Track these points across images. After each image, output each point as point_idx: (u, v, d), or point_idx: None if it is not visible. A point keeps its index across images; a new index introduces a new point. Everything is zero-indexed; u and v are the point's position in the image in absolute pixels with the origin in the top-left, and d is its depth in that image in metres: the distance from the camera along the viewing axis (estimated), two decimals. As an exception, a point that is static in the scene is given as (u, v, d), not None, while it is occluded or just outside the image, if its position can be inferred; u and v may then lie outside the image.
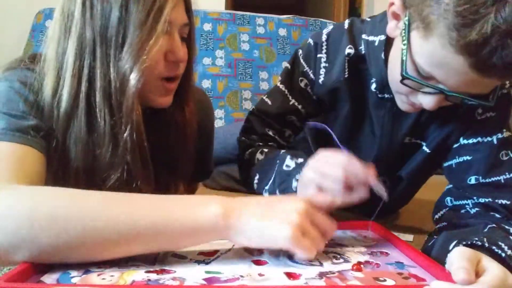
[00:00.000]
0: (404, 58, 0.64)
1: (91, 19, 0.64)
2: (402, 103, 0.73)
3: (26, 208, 0.49)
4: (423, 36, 0.60)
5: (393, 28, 0.70)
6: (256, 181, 0.84)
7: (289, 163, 0.76)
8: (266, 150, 0.86)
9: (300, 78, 0.88)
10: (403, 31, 0.64)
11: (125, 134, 0.65)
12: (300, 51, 0.88)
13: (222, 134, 1.44)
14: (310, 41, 0.87)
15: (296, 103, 0.89)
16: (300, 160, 0.75)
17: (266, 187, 0.80)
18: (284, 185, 0.75)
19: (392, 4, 0.68)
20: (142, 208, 0.52)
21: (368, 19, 0.84)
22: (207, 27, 2.13)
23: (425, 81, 0.64)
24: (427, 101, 0.66)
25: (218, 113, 2.00)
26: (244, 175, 0.92)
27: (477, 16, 0.53)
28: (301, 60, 0.88)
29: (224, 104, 2.02)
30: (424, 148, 0.85)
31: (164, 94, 0.72)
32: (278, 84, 0.92)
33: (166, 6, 0.65)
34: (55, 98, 0.65)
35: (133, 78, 0.64)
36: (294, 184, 0.73)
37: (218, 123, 1.98)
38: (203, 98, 0.94)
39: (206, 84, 2.03)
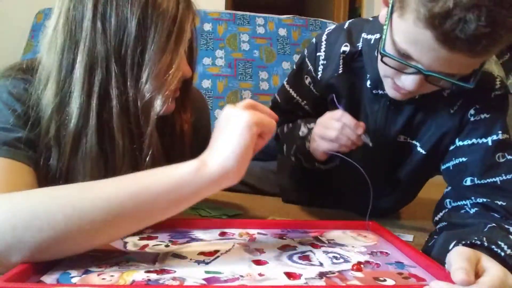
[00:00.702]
0: (384, 36, 0.68)
1: (103, 33, 0.61)
2: (389, 88, 0.76)
3: (5, 212, 0.48)
4: (400, 15, 0.64)
5: (384, 15, 0.72)
6: (285, 149, 1.00)
7: (303, 129, 0.91)
8: (290, 124, 1.00)
9: (305, 76, 0.94)
10: (387, 13, 0.68)
11: (147, 157, 0.64)
12: (306, 52, 0.95)
13: None
14: (313, 40, 0.94)
15: (300, 100, 0.98)
16: (312, 125, 0.88)
17: (291, 152, 0.96)
18: (301, 149, 0.91)
19: None
20: (122, 181, 0.52)
21: (371, 19, 0.88)
22: (207, 27, 2.13)
23: (403, 59, 0.67)
24: (408, 81, 0.69)
25: (218, 113, 2.00)
26: (277, 147, 1.07)
27: None
28: (306, 60, 0.94)
29: (224, 104, 2.02)
30: (419, 149, 0.86)
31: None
32: (284, 83, 1.02)
33: (186, 25, 0.64)
34: (60, 113, 0.62)
35: (158, 105, 0.63)
36: (307, 144, 0.88)
37: (218, 123, 1.98)
38: (198, 96, 0.93)
39: (206, 84, 2.03)
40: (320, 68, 0.91)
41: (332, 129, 0.79)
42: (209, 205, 1.06)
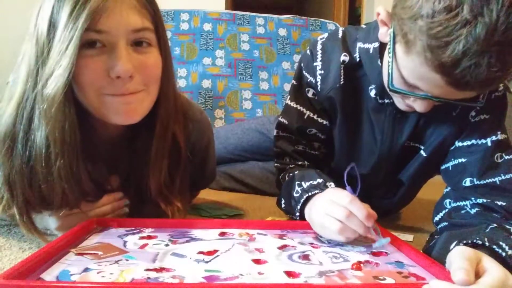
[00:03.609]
0: (390, 71, 0.67)
1: (36, 39, 0.63)
2: (399, 104, 0.75)
3: None
4: (405, 51, 0.63)
5: (384, 34, 0.72)
6: (283, 205, 0.87)
7: (297, 189, 0.78)
8: (290, 173, 0.86)
9: (307, 89, 0.89)
10: (389, 42, 0.67)
11: (57, 163, 0.63)
12: (302, 64, 0.90)
13: (224, 133, 1.44)
14: (308, 50, 0.89)
15: (311, 114, 0.90)
16: (305, 185, 0.76)
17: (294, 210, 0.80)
18: (292, 210, 0.79)
19: (378, 14, 0.71)
20: None
21: (363, 26, 0.86)
22: (207, 27, 2.13)
23: (411, 91, 0.67)
24: (418, 105, 0.69)
25: (218, 113, 2.00)
26: (278, 198, 0.91)
27: (450, 38, 0.55)
28: (304, 72, 0.89)
29: (224, 104, 2.02)
30: (422, 152, 0.85)
31: (119, 109, 0.66)
32: (288, 102, 0.93)
33: (83, 14, 0.59)
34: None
35: (51, 86, 0.61)
36: (298, 208, 0.76)
37: (218, 123, 1.98)
38: (200, 118, 0.90)
39: (206, 84, 2.03)
40: (319, 78, 0.86)
41: (335, 219, 0.63)
42: (209, 205, 1.06)
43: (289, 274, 0.51)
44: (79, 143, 0.65)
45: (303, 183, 0.77)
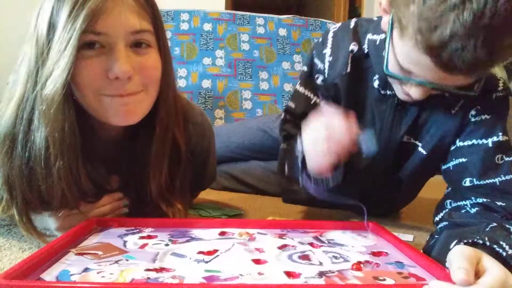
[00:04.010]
0: (386, 55, 0.70)
1: (35, 40, 0.63)
2: (398, 92, 0.77)
3: None
4: (400, 36, 0.65)
5: (386, 23, 0.73)
6: (286, 169, 0.86)
7: (298, 147, 0.76)
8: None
9: (316, 76, 0.91)
10: (388, 28, 0.69)
11: (57, 164, 0.63)
12: (314, 52, 0.93)
13: (226, 132, 1.44)
14: (320, 39, 0.92)
15: (317, 101, 0.92)
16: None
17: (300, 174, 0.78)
18: (300, 170, 0.75)
19: (380, 3, 0.73)
20: None
21: (375, 19, 0.88)
22: (207, 27, 2.13)
23: (407, 76, 0.69)
24: (413, 92, 0.71)
25: (218, 113, 2.00)
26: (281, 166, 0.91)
27: (438, 22, 0.57)
28: (315, 59, 0.92)
29: (224, 104, 2.02)
30: (420, 149, 0.86)
31: (118, 111, 0.66)
32: (297, 87, 0.95)
33: (81, 15, 0.59)
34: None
35: (50, 87, 0.60)
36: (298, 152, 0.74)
37: (218, 123, 1.98)
38: (201, 120, 0.89)
39: (206, 84, 2.03)
40: (327, 65, 0.89)
41: (319, 140, 0.66)
42: (209, 205, 1.06)
43: (289, 274, 0.51)
44: (79, 143, 0.65)
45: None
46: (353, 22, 0.90)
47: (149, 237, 0.64)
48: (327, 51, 0.89)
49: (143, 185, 0.75)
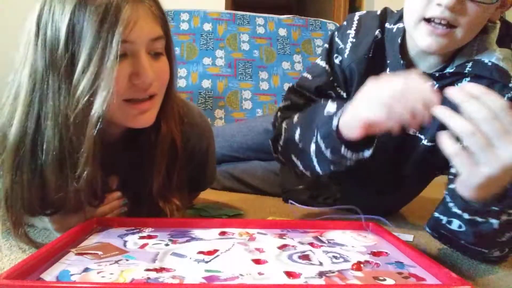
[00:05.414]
0: None
1: (42, 45, 0.61)
2: (423, 35, 0.75)
3: None
4: None
5: None
6: (298, 135, 0.81)
7: (330, 106, 0.74)
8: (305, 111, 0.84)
9: (335, 55, 0.92)
10: None
11: (83, 174, 0.62)
12: (336, 32, 0.94)
13: (229, 131, 1.44)
14: (344, 22, 0.95)
15: (332, 79, 0.93)
16: (341, 102, 0.73)
17: (313, 139, 0.76)
18: (326, 131, 0.72)
19: None
20: None
21: (396, 11, 0.90)
22: (207, 27, 2.13)
23: None
24: None
25: (218, 113, 2.00)
26: (282, 139, 0.88)
27: None
28: (336, 38, 0.93)
29: (224, 104, 2.02)
30: (424, 142, 0.86)
31: (136, 115, 0.68)
32: (318, 61, 0.95)
33: (118, 26, 0.59)
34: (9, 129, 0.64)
35: (96, 107, 0.59)
36: (334, 121, 0.70)
37: (218, 123, 1.98)
38: (200, 121, 0.90)
39: (206, 84, 2.03)
40: (349, 45, 0.90)
41: (391, 87, 0.62)
42: (209, 205, 1.06)
43: (289, 274, 0.51)
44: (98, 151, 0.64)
45: (336, 103, 0.73)
46: (379, 10, 0.93)
47: (149, 237, 0.64)
48: (351, 32, 0.90)
49: (141, 184, 0.76)
